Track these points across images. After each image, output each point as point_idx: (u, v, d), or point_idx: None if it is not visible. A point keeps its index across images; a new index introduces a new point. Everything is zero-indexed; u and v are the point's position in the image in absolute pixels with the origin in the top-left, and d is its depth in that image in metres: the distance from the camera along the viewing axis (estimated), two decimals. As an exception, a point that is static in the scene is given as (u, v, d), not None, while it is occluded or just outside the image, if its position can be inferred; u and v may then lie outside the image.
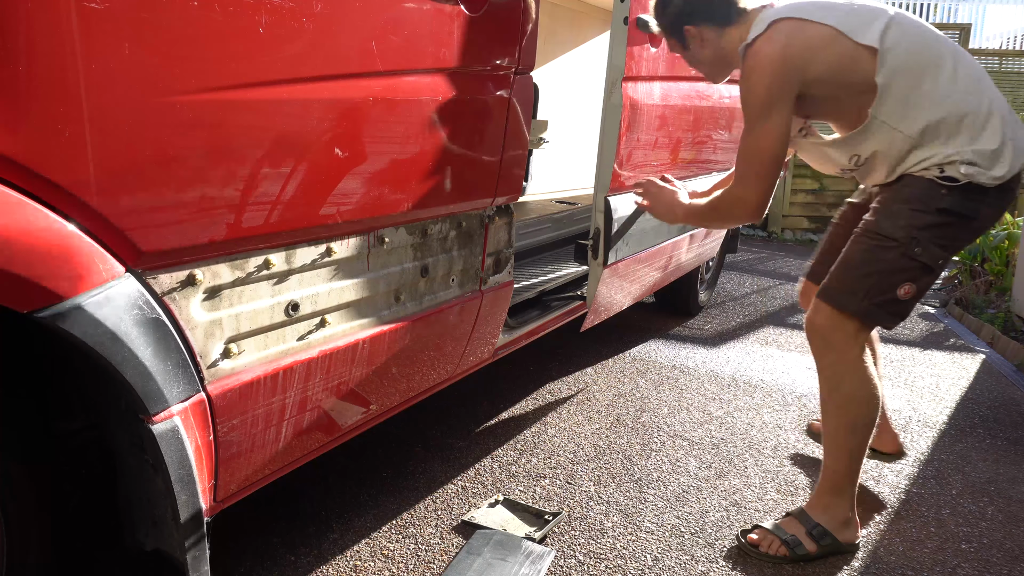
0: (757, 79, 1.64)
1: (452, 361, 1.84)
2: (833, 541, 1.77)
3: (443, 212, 1.63)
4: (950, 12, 14.52)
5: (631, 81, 2.13)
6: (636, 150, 2.26)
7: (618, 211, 2.23)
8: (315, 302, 1.34)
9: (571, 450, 2.25)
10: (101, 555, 1.49)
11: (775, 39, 1.64)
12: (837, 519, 1.78)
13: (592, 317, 2.40)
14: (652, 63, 2.26)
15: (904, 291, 1.67)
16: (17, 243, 0.88)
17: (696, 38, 1.81)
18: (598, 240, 2.13)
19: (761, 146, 1.66)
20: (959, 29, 7.36)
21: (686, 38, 1.83)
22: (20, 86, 0.86)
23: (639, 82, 2.20)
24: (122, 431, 1.12)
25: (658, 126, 2.39)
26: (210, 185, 1.08)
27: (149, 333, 1.04)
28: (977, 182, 1.61)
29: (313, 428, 1.43)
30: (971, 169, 1.60)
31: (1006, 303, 4.11)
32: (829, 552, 1.78)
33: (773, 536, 1.77)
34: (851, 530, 1.80)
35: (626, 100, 2.09)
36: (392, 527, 1.79)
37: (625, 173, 2.22)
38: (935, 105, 1.62)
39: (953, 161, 1.61)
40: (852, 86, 1.66)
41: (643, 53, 2.19)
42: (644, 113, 2.25)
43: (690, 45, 1.84)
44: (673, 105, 2.48)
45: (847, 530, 1.79)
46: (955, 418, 2.71)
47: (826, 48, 1.63)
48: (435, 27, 1.44)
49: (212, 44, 1.04)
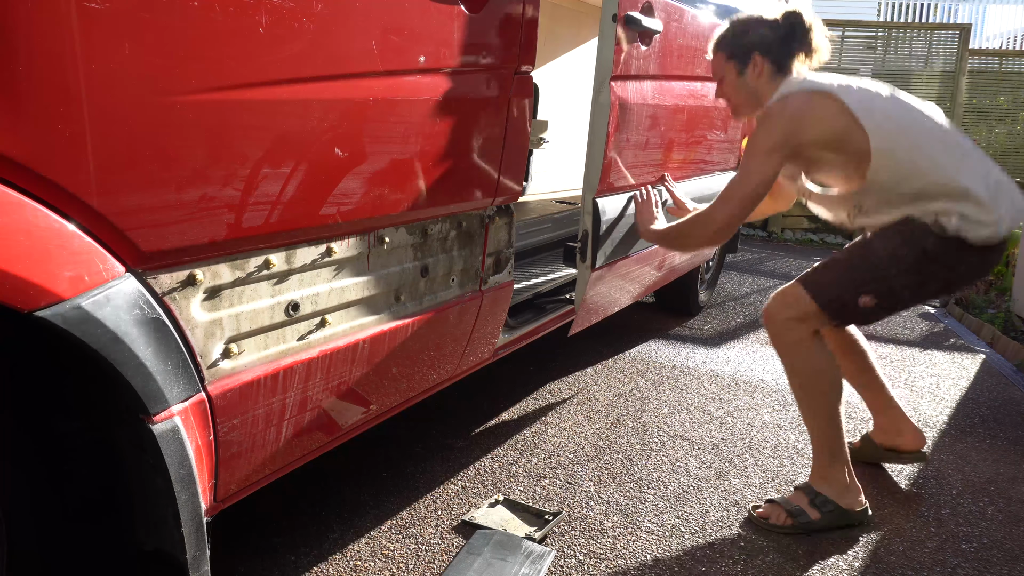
0: (773, 124, 1.83)
1: (452, 361, 1.84)
2: (836, 508, 1.89)
3: (443, 212, 1.63)
4: (950, 12, 14.54)
5: (620, 80, 2.08)
6: (626, 151, 2.21)
7: (606, 213, 2.18)
8: (315, 302, 1.34)
9: (571, 450, 2.25)
10: (101, 555, 1.49)
11: (802, 99, 1.83)
12: (836, 486, 1.90)
13: (580, 321, 2.34)
14: (643, 61, 2.21)
15: (864, 301, 1.83)
16: (17, 243, 0.88)
17: (758, 67, 1.93)
18: (586, 243, 2.09)
19: (750, 180, 1.83)
20: (959, 29, 7.36)
21: (748, 64, 1.94)
22: (20, 86, 0.86)
23: (629, 81, 2.15)
24: (122, 431, 1.12)
25: (649, 126, 2.34)
26: (210, 185, 1.08)
27: (149, 333, 1.04)
28: (964, 237, 1.76)
29: (313, 428, 1.43)
30: (960, 224, 1.75)
31: (1006, 303, 4.11)
32: (834, 520, 1.89)
33: (779, 508, 1.91)
34: (852, 495, 1.91)
35: (615, 99, 2.05)
36: (392, 527, 1.79)
37: (614, 174, 2.18)
38: (928, 174, 1.78)
39: (948, 213, 1.76)
40: (854, 154, 1.81)
41: (633, 51, 2.13)
42: (634, 113, 2.20)
43: (747, 72, 1.95)
44: (665, 105, 2.43)
45: (848, 496, 1.91)
46: (955, 418, 2.71)
47: (835, 119, 1.80)
48: (435, 27, 1.44)
49: (212, 44, 1.04)
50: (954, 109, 7.26)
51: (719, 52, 2.00)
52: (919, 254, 1.78)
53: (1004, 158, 7.53)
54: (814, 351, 1.88)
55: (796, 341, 1.88)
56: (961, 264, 1.81)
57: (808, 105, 1.82)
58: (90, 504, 1.18)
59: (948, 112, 7.29)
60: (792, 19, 1.94)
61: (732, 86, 1.99)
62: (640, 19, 2.03)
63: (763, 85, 1.94)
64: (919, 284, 1.82)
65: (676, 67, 2.45)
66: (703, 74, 2.68)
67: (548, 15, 3.35)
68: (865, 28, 7.63)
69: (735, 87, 1.99)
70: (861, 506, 1.92)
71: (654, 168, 2.48)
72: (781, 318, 1.89)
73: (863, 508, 1.93)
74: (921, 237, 1.78)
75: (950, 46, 7.29)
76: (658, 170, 2.51)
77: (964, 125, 7.43)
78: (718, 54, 2.00)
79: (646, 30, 2.10)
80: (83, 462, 1.17)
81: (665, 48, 2.32)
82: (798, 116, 1.82)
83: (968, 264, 1.81)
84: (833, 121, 1.79)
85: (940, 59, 7.32)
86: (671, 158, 2.58)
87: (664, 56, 2.33)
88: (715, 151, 3.03)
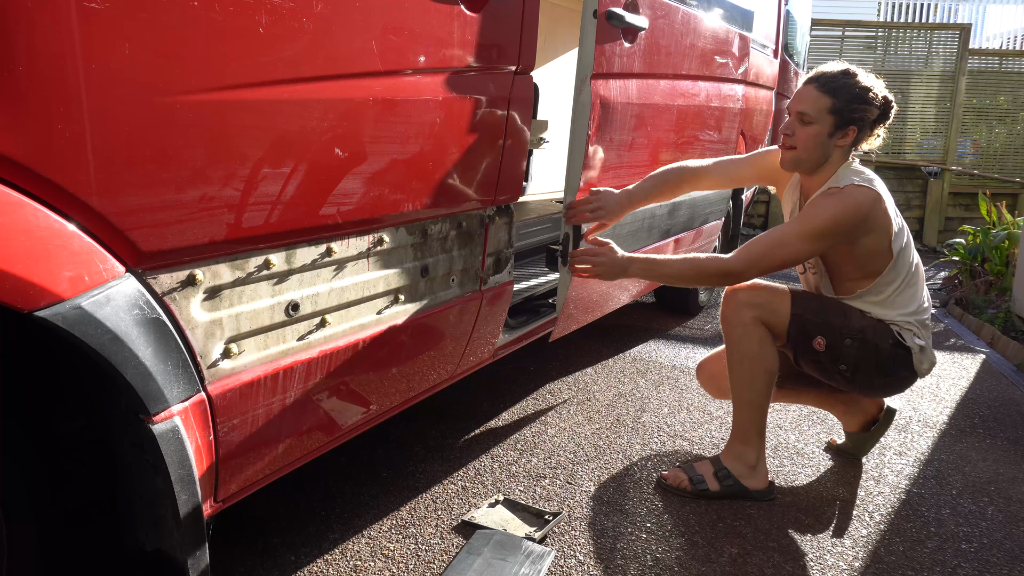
0: (837, 208, 1.85)
1: (452, 361, 1.84)
2: (736, 483, 2.01)
3: (443, 212, 1.63)
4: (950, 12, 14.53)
5: (602, 78, 2.01)
6: (608, 152, 2.15)
7: None
8: (315, 302, 1.34)
9: (571, 450, 2.25)
10: (101, 555, 1.49)
11: (873, 198, 1.88)
12: (743, 465, 2.02)
13: (562, 326, 2.27)
14: (627, 59, 2.13)
15: (817, 343, 1.95)
16: (17, 243, 0.88)
17: (848, 137, 1.90)
18: (567, 246, 2.05)
19: (787, 252, 1.88)
20: (959, 29, 7.36)
21: (846, 130, 1.89)
22: (20, 86, 0.86)
23: (612, 79, 2.08)
24: (122, 431, 1.12)
25: (634, 126, 2.26)
26: (210, 185, 1.08)
27: (149, 333, 1.04)
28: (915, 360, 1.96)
29: (313, 428, 1.43)
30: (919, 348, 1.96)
31: (1006, 303, 4.11)
32: (732, 493, 2.01)
33: (683, 473, 2.04)
34: (759, 478, 2.02)
35: (596, 99, 1.98)
36: (392, 527, 1.79)
37: (596, 175, 2.12)
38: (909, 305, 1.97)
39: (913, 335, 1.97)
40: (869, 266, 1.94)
41: (616, 49, 2.05)
42: (617, 112, 2.13)
43: (836, 135, 1.90)
44: (652, 104, 2.35)
45: (754, 477, 2.02)
46: (955, 418, 2.71)
47: (886, 231, 1.90)
48: (435, 27, 1.44)
49: (212, 44, 1.04)
50: (954, 109, 7.27)
51: (827, 97, 1.87)
52: (875, 345, 1.93)
53: (1004, 158, 7.53)
54: (768, 339, 1.97)
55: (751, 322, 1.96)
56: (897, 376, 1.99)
57: (873, 208, 1.87)
58: (90, 504, 1.18)
59: (948, 112, 7.31)
60: (888, 107, 1.92)
61: (816, 138, 1.90)
62: (623, 15, 1.96)
63: (837, 153, 1.93)
64: (857, 361, 1.94)
65: (664, 65, 2.38)
66: (694, 72, 2.60)
67: (548, 15, 3.35)
68: (865, 28, 7.63)
69: (818, 140, 1.90)
70: (765, 486, 2.03)
71: (641, 170, 2.37)
72: (750, 302, 1.97)
73: (765, 488, 2.03)
74: (884, 335, 1.94)
75: (950, 46, 7.29)
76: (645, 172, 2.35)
77: (964, 125, 7.43)
78: (824, 98, 1.87)
79: (630, 27, 2.04)
80: (83, 462, 1.17)
81: (652, 46, 2.24)
82: (862, 214, 1.85)
83: (901, 380, 2.01)
84: (883, 233, 1.89)
85: (940, 59, 7.32)
86: (659, 160, 2.48)
87: (651, 54, 2.25)
88: (708, 152, 2.93)
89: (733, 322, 1.99)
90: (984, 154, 7.57)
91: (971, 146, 7.56)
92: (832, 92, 1.87)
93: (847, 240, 1.88)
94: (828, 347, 1.94)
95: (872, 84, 1.90)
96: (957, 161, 7.39)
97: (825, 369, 2.00)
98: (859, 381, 2.00)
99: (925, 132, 7.48)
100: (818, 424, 2.56)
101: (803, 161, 1.93)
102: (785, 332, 1.97)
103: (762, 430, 2.03)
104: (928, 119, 7.43)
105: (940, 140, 7.40)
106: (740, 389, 2.01)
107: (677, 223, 2.91)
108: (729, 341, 2.02)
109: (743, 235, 6.60)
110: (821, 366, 1.99)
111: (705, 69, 2.72)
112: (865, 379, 1.99)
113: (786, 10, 4.23)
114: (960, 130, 7.36)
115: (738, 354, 1.99)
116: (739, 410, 2.03)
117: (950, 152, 7.30)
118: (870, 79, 1.91)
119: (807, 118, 1.89)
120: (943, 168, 7.25)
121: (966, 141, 7.52)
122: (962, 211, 7.31)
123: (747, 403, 2.01)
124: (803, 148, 1.91)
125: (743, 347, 1.98)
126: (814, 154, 1.91)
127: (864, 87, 1.88)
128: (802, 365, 2.05)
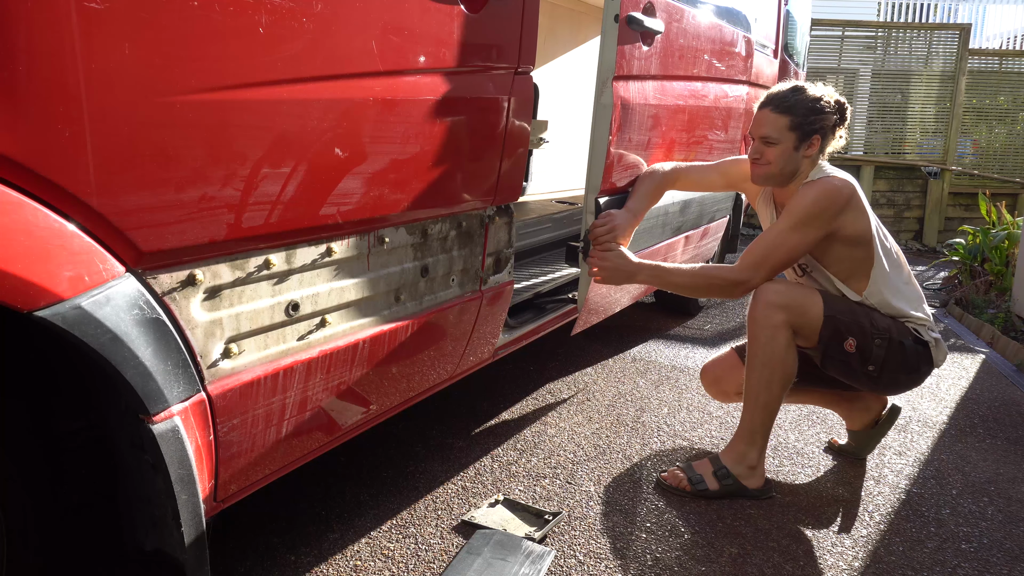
0: (819, 196, 1.93)
1: (452, 361, 1.84)
2: (735, 483, 2.01)
3: (443, 212, 1.63)
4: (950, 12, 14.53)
5: (622, 80, 2.10)
6: (628, 151, 2.23)
7: None
8: (315, 302, 1.34)
9: (571, 450, 2.25)
10: (101, 555, 1.49)
11: (848, 187, 1.97)
12: (744, 465, 2.02)
13: (583, 320, 2.36)
14: (644, 62, 2.22)
15: (848, 344, 1.96)
16: (17, 243, 0.88)
17: (813, 147, 1.99)
18: (588, 242, 2.11)
19: (785, 248, 1.94)
20: (959, 29, 7.36)
21: (811, 141, 1.97)
22: (20, 86, 0.86)
23: (631, 81, 2.17)
24: (122, 431, 1.12)
25: (651, 126, 2.35)
26: (210, 185, 1.08)
27: (149, 333, 1.04)
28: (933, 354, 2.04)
29: (313, 428, 1.43)
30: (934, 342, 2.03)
31: (1006, 303, 4.11)
32: (731, 492, 2.01)
33: (682, 473, 2.04)
34: (757, 478, 2.03)
35: (617, 100, 2.06)
36: (392, 527, 1.79)
37: (616, 174, 2.19)
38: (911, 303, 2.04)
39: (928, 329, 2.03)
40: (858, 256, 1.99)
41: (635, 52, 2.14)
42: (636, 113, 2.21)
43: (801, 147, 1.98)
44: (666, 105, 2.44)
45: (753, 477, 2.02)
46: (955, 418, 2.71)
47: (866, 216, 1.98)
48: (435, 27, 1.44)
49: (212, 44, 1.04)
50: (954, 109, 7.26)
51: (784, 116, 1.96)
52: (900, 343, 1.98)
53: (1004, 158, 7.53)
54: (793, 343, 1.97)
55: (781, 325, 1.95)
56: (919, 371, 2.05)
57: (853, 193, 1.95)
58: (90, 504, 1.19)
59: (948, 112, 7.31)
60: (843, 109, 2.00)
61: (783, 155, 1.98)
62: (642, 19, 2.04)
63: (806, 164, 2.01)
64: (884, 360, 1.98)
65: (677, 67, 2.45)
66: (704, 74, 2.69)
67: (548, 15, 3.36)
68: (865, 28, 7.63)
69: (785, 156, 1.98)
70: (763, 484, 2.04)
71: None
72: (781, 303, 1.95)
73: (764, 487, 2.03)
74: (905, 332, 2.00)
75: (950, 46, 7.29)
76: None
77: (964, 125, 7.43)
78: (782, 118, 1.96)
79: (648, 31, 2.11)
80: (83, 462, 1.17)
81: (666, 48, 2.33)
82: (843, 197, 1.93)
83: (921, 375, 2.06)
84: (863, 214, 1.96)
85: (940, 59, 7.32)
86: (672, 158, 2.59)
87: (665, 56, 2.34)
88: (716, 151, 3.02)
89: (763, 323, 1.96)
90: (984, 154, 7.57)
91: (971, 146, 7.56)
92: (787, 110, 1.96)
93: (834, 223, 1.94)
94: (858, 348, 1.95)
95: (822, 93, 1.99)
96: (957, 161, 7.39)
97: (852, 370, 2.00)
98: (884, 380, 2.01)
99: (925, 132, 7.48)
100: (818, 424, 2.56)
101: (774, 176, 2.02)
102: (816, 334, 1.96)
103: (768, 433, 2.03)
104: (928, 119, 7.43)
105: (940, 140, 7.40)
106: (757, 391, 1.99)
107: (688, 220, 2.97)
108: (754, 341, 1.99)
109: (743, 235, 6.60)
110: (848, 367, 1.99)
111: (713, 70, 2.81)
112: (890, 377, 2.01)
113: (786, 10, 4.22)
114: (960, 130, 7.36)
115: (763, 356, 1.97)
116: (750, 411, 2.01)
117: (950, 152, 7.30)
118: (819, 88, 1.99)
119: (771, 140, 1.99)
120: (943, 168, 7.25)
121: (966, 141, 7.53)
122: (962, 211, 7.31)
123: (761, 405, 1.99)
124: (775, 163, 2.00)
125: (769, 349, 1.96)
126: (786, 168, 2.00)
127: (815, 98, 1.97)
128: (827, 367, 2.03)
